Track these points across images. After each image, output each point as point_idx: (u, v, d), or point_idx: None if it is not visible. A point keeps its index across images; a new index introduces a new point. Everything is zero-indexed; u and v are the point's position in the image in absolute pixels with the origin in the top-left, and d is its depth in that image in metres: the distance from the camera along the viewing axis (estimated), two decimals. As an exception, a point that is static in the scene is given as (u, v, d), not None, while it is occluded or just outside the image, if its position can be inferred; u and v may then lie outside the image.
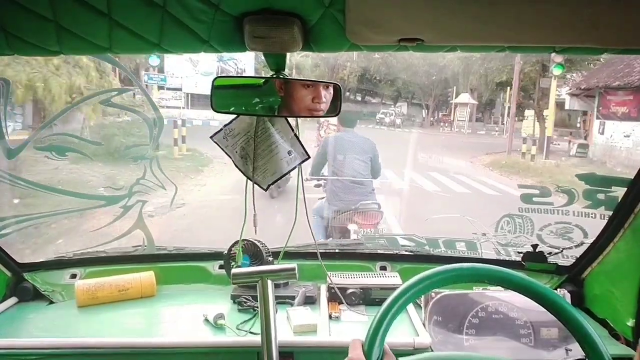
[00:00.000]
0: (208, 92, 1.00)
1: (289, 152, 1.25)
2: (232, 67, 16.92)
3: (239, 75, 12.62)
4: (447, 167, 10.63)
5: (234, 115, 1.25)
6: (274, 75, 1.00)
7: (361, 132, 3.88)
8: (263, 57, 0.96)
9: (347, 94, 20.77)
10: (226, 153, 1.24)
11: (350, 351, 0.85)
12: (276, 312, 1.24)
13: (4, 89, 1.77)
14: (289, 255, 1.66)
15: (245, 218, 1.42)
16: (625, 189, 1.39)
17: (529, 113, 17.05)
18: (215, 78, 1.03)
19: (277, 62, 0.97)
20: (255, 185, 1.33)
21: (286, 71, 1.00)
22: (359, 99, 23.90)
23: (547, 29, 0.79)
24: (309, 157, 1.33)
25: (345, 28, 0.77)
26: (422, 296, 1.42)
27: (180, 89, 16.12)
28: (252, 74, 13.97)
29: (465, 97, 20.50)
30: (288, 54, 0.95)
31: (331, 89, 1.06)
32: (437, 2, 0.69)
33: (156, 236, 1.89)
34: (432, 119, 23.48)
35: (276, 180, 1.30)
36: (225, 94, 1.04)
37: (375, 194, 3.76)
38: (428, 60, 18.63)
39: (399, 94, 22.64)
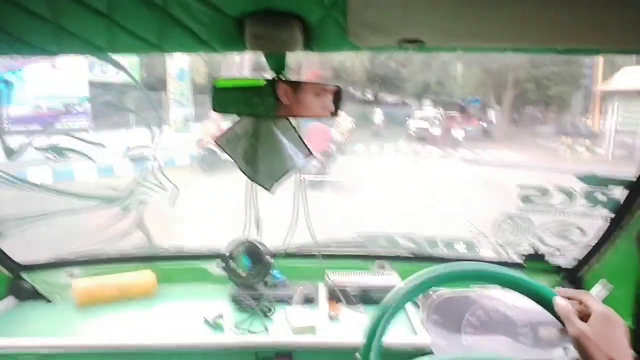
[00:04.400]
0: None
1: (294, 151, 1.24)
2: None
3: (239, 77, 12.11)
4: None
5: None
6: (274, 76, 1.00)
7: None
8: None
9: (351, 90, 13.50)
10: (231, 157, 1.23)
11: None
12: (275, 311, 1.25)
13: (7, 91, 1.77)
14: (288, 254, 1.66)
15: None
16: (625, 189, 1.39)
17: None
18: (216, 79, 1.03)
19: (277, 63, 0.97)
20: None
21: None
22: (370, 97, 14.55)
23: (547, 29, 0.79)
24: (312, 154, 1.32)
25: (346, 29, 0.77)
26: (421, 295, 1.42)
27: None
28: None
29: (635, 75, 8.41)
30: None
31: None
32: (437, 3, 0.69)
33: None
34: (508, 123, 13.92)
35: (280, 180, 1.29)
36: (226, 95, 1.04)
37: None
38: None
39: (427, 87, 13.44)
